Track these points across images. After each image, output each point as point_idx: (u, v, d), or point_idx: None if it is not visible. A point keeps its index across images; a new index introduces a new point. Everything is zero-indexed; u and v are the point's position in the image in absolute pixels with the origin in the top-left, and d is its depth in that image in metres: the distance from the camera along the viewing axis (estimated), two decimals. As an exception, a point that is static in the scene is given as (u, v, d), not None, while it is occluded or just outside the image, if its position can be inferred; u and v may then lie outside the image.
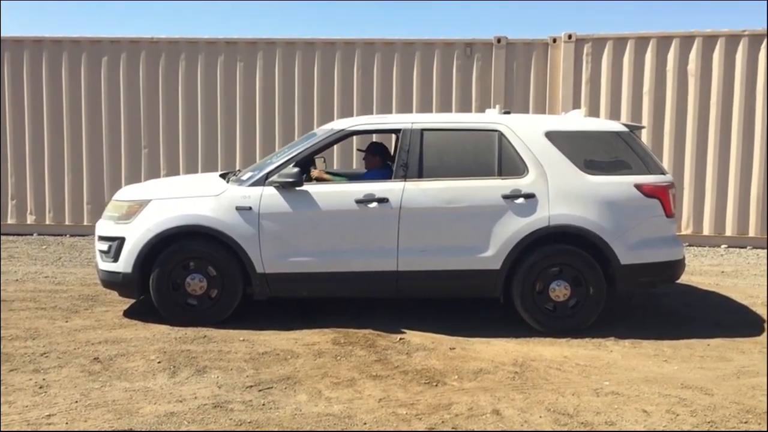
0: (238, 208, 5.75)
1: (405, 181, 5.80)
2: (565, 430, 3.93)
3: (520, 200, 5.73)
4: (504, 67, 10.29)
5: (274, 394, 4.40)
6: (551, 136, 5.89)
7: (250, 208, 5.75)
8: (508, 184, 5.77)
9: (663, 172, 6.02)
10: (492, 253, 5.73)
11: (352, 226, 5.75)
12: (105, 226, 6.05)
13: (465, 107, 10.33)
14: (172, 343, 5.34)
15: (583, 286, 5.76)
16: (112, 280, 5.96)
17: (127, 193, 6.39)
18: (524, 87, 10.37)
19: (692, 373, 4.87)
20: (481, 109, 10.20)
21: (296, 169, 5.77)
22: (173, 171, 10.46)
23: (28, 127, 10.58)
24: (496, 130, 5.92)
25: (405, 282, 5.80)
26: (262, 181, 5.84)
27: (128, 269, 5.79)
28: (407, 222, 5.72)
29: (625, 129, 6.07)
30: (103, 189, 10.51)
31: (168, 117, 10.55)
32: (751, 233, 9.86)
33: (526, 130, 5.92)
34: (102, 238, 6.01)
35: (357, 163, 9.93)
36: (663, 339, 5.63)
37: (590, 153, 5.91)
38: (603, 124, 6.36)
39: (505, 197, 5.73)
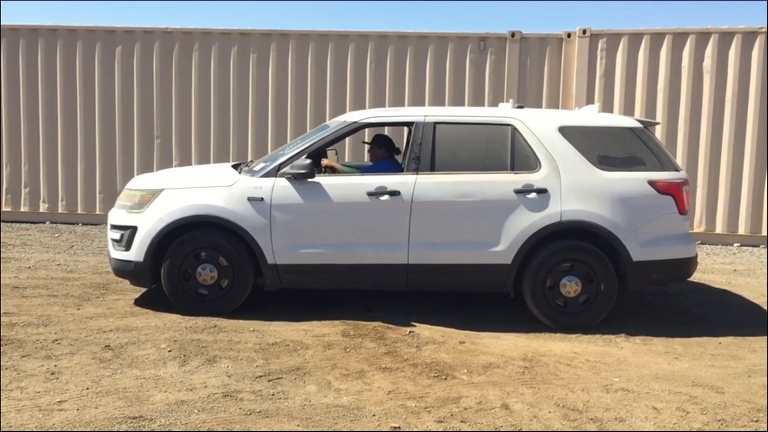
0: (250, 199, 5.76)
1: (417, 174, 5.79)
2: (575, 425, 3.92)
3: (533, 195, 5.70)
4: (518, 61, 10.24)
5: (283, 384, 4.41)
6: (565, 131, 5.86)
7: (262, 199, 5.75)
8: (520, 179, 5.75)
9: (677, 169, 5.98)
10: (503, 247, 5.71)
11: (363, 219, 5.75)
12: (117, 215, 6.08)
13: (478, 101, 10.30)
14: (183, 332, 5.37)
15: (594, 283, 5.73)
16: (123, 269, 5.99)
17: (140, 182, 6.42)
18: (538, 82, 10.32)
19: (703, 371, 4.85)
20: (494, 104, 10.15)
21: (308, 161, 5.77)
22: (185, 161, 10.49)
23: (42, 115, 10.63)
24: (509, 125, 5.90)
25: (415, 275, 5.80)
26: (274, 173, 5.85)
27: (140, 258, 5.81)
28: (419, 215, 5.71)
29: (639, 125, 6.02)
30: (116, 178, 10.56)
31: (181, 107, 10.58)
32: (764, 232, 9.79)
33: (539, 125, 5.89)
34: (114, 227, 6.04)
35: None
36: (674, 336, 5.61)
37: (604, 149, 5.87)
38: (617, 119, 6.32)
39: (518, 192, 5.71)
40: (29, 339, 5.14)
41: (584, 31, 10.08)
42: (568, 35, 10.21)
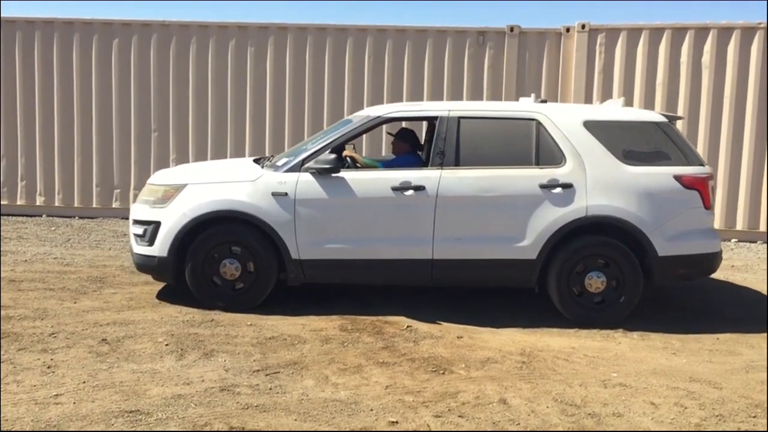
0: (274, 194, 5.73)
1: (442, 169, 5.76)
2: (572, 420, 3.92)
3: (558, 190, 5.68)
4: (516, 56, 10.21)
5: (281, 378, 4.40)
6: (589, 125, 5.83)
7: (286, 194, 5.72)
8: (545, 174, 5.72)
9: (702, 164, 5.95)
10: (528, 242, 5.68)
11: (387, 214, 5.72)
12: (140, 210, 6.04)
13: (476, 95, 10.27)
14: (180, 326, 5.35)
15: (620, 278, 5.70)
16: (147, 264, 5.94)
17: (163, 177, 6.37)
18: (536, 76, 10.28)
19: (701, 367, 4.84)
20: (492, 98, 10.15)
21: (333, 156, 5.74)
22: (183, 155, 10.45)
23: (39, 108, 10.57)
24: (533, 119, 5.86)
25: (440, 271, 5.77)
26: (298, 167, 5.82)
27: (164, 253, 5.78)
28: (443, 210, 5.68)
29: (664, 119, 5.99)
30: (112, 172, 10.50)
31: (178, 101, 10.53)
32: (762, 228, 9.78)
33: (564, 120, 5.85)
34: (137, 222, 6.00)
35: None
36: (672, 332, 5.61)
37: (629, 143, 5.84)
38: (642, 114, 6.26)
39: (543, 187, 5.68)
40: (25, 332, 5.12)
41: (583, 26, 10.05)
42: (567, 30, 10.18)
